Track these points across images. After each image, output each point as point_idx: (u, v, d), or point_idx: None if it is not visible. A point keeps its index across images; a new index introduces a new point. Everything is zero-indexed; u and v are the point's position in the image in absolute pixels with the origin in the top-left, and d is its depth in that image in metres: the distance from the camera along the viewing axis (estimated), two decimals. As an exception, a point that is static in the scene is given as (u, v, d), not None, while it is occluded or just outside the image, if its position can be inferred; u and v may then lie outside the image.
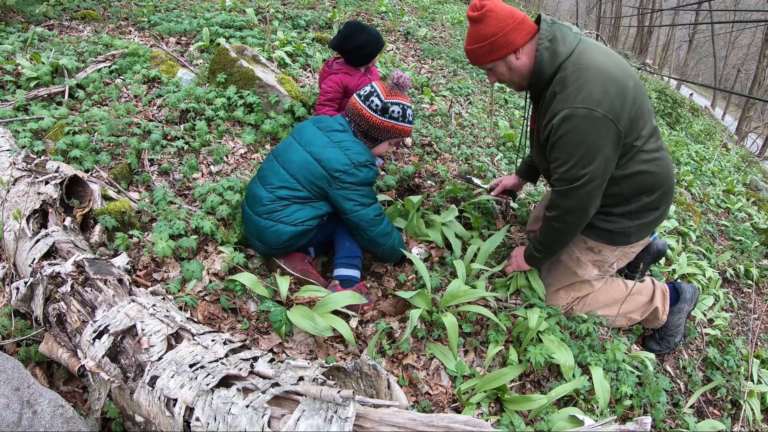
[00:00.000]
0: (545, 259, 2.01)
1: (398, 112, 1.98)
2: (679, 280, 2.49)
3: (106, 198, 2.01)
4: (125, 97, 2.84)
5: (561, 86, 1.62)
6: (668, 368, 2.22)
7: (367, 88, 2.01)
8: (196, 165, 2.44)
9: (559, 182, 1.72)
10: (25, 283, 1.46)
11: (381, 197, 2.42)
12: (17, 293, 1.47)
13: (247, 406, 1.02)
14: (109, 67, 3.06)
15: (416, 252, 2.26)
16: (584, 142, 1.60)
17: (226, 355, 1.21)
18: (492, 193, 2.44)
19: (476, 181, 2.60)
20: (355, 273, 2.04)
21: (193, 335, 1.28)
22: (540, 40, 1.66)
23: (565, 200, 1.72)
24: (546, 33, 1.65)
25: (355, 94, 2.03)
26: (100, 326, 1.28)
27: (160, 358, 1.19)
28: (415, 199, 2.36)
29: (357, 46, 2.52)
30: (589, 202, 1.72)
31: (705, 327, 2.53)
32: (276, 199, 1.90)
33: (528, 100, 1.97)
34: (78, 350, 1.30)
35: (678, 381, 2.18)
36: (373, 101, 1.97)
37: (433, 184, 2.82)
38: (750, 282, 3.24)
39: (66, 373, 1.43)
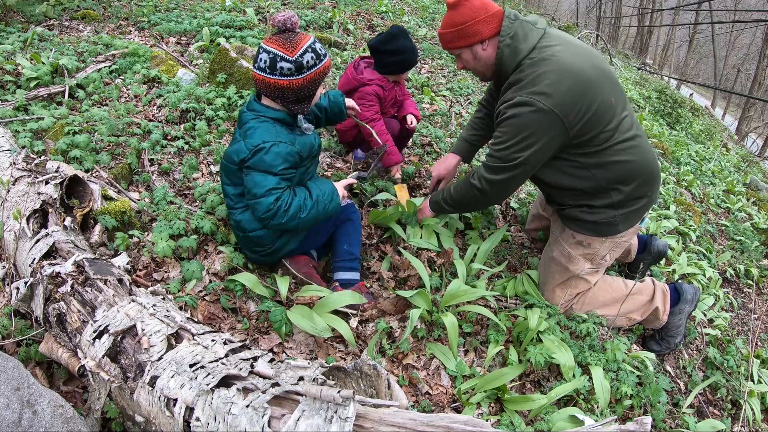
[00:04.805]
0: (449, 213, 2.23)
1: (312, 58, 1.66)
2: (680, 281, 2.49)
3: (106, 198, 2.01)
4: (125, 97, 2.84)
5: (517, 79, 1.72)
6: (668, 368, 2.22)
7: (263, 56, 1.65)
8: (196, 165, 2.44)
9: (492, 158, 1.83)
10: (25, 283, 1.46)
11: (381, 196, 2.41)
12: (17, 293, 1.47)
13: (247, 406, 1.01)
14: (109, 67, 3.06)
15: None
16: (525, 130, 1.70)
17: (226, 355, 1.21)
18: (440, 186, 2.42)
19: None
20: (355, 275, 2.03)
21: (193, 335, 1.28)
22: (501, 36, 1.74)
23: (493, 175, 1.85)
24: (507, 30, 1.73)
25: (255, 68, 1.69)
26: (100, 326, 1.28)
27: (160, 358, 1.19)
28: (418, 201, 2.33)
29: (398, 49, 2.43)
30: (512, 184, 1.88)
31: (705, 327, 2.53)
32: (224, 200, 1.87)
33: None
34: (78, 350, 1.30)
35: (678, 381, 2.19)
36: (282, 68, 1.63)
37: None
38: (750, 282, 3.24)
39: (66, 373, 1.43)
